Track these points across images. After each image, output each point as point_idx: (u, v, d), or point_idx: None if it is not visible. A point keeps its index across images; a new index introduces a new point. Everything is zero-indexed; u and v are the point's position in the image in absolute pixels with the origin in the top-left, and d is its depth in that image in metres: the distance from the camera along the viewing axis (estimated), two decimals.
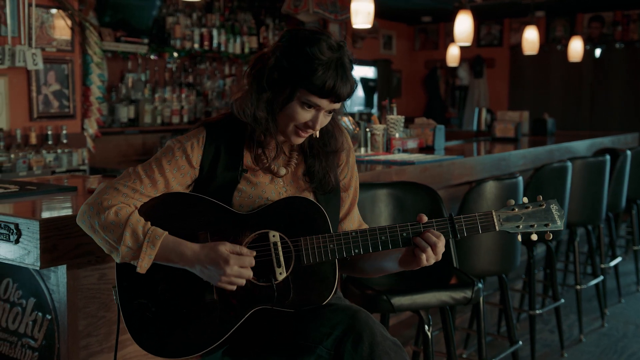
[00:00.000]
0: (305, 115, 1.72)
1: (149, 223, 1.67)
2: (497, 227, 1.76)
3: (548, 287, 4.27)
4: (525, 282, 4.26)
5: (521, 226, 1.78)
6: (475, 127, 6.60)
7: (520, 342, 3.12)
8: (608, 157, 4.05)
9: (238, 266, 1.63)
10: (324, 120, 1.76)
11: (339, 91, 1.68)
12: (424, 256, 1.71)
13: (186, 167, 1.75)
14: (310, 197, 1.83)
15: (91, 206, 1.67)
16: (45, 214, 1.98)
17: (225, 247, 1.64)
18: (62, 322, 2.00)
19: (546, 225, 1.78)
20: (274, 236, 1.71)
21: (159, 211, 1.71)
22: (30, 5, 3.95)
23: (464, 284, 2.44)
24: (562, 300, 3.74)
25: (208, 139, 1.77)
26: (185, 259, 1.65)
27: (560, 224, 1.78)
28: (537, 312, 3.50)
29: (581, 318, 3.93)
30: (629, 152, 4.54)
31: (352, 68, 1.73)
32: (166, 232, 1.66)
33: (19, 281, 2.12)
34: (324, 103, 1.70)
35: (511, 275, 4.51)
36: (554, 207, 1.79)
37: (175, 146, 1.76)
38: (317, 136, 1.83)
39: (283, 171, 1.83)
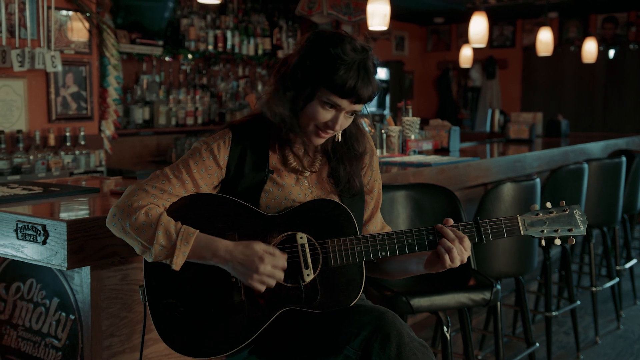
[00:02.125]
0: (326, 115, 1.73)
1: (180, 222, 1.69)
2: (522, 232, 1.78)
3: (563, 289, 4.27)
4: (540, 283, 4.26)
5: (545, 231, 1.79)
6: (488, 129, 6.60)
7: (537, 344, 3.12)
8: (624, 158, 4.04)
9: (271, 265, 1.65)
10: (344, 121, 1.77)
11: (359, 92, 1.69)
12: (447, 257, 1.72)
13: (213, 168, 1.77)
14: (336, 199, 1.85)
15: (121, 209, 1.69)
16: (72, 215, 2.00)
17: (260, 246, 1.66)
18: (85, 322, 2.02)
19: (569, 230, 1.80)
20: (301, 238, 1.73)
21: (187, 212, 1.73)
22: (49, 7, 3.98)
23: (482, 285, 2.45)
24: (578, 302, 3.74)
25: (234, 140, 1.79)
26: (219, 255, 1.66)
27: (583, 229, 1.80)
28: (554, 313, 3.50)
29: (597, 320, 3.92)
30: None
31: (375, 72, 1.75)
32: (198, 230, 1.68)
33: (42, 281, 2.14)
34: (344, 103, 1.71)
35: (526, 277, 4.50)
36: (577, 212, 1.81)
37: (202, 147, 1.78)
38: (340, 140, 1.84)
39: (307, 172, 1.85)
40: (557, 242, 1.81)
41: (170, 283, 1.72)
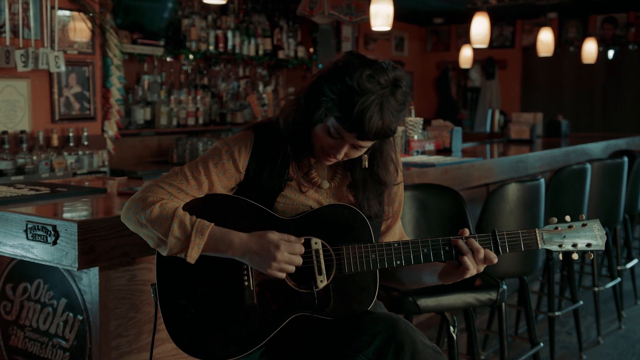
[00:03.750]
0: (330, 141, 1.69)
1: (195, 216, 1.68)
2: (539, 246, 1.75)
3: (564, 289, 4.28)
4: (542, 283, 4.27)
5: (563, 245, 1.76)
6: (488, 129, 6.61)
7: (542, 344, 3.13)
8: (626, 159, 4.05)
9: (288, 252, 1.64)
10: (350, 152, 1.72)
11: (365, 128, 1.60)
12: (467, 260, 1.69)
13: (232, 171, 1.76)
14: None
15: (136, 202, 1.69)
16: (82, 216, 2.00)
17: (274, 234, 1.65)
18: (94, 323, 2.02)
19: (588, 245, 1.76)
20: (315, 243, 1.71)
21: (201, 212, 1.72)
22: (52, 8, 3.98)
23: (488, 285, 2.46)
24: (581, 302, 3.75)
25: (256, 143, 1.77)
26: (234, 247, 1.66)
27: (601, 244, 1.76)
28: (557, 313, 3.51)
29: (599, 320, 3.93)
30: None
31: (398, 109, 1.64)
32: (213, 224, 1.67)
33: (49, 282, 2.14)
34: (348, 137, 1.65)
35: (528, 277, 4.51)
36: (595, 227, 1.77)
37: (223, 149, 1.76)
38: (366, 166, 1.79)
39: (326, 185, 1.83)
40: (575, 256, 1.77)
41: (182, 284, 1.72)
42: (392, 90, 1.63)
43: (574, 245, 1.76)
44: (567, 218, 1.81)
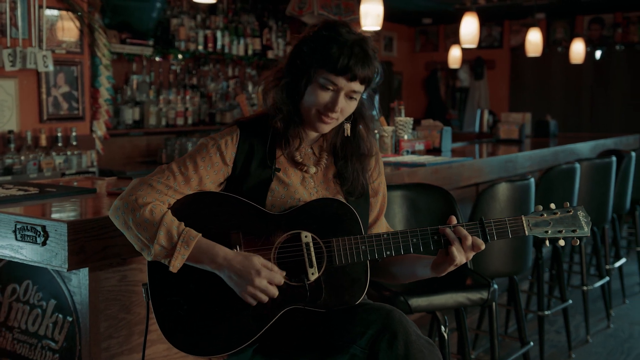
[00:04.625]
0: (324, 96, 1.74)
1: (183, 224, 1.68)
2: (526, 232, 1.78)
3: (553, 288, 4.30)
4: (531, 282, 4.28)
5: (549, 231, 1.80)
6: (477, 129, 6.63)
7: (532, 343, 3.14)
8: (614, 158, 4.07)
9: (267, 280, 1.65)
10: (345, 104, 1.77)
11: (354, 68, 1.71)
12: (453, 248, 1.71)
13: (219, 164, 1.77)
14: (341, 200, 1.85)
15: (126, 202, 1.68)
16: (72, 216, 1.99)
17: (259, 260, 1.66)
18: (83, 324, 2.01)
19: (573, 231, 1.80)
20: (306, 237, 1.73)
21: (192, 210, 1.72)
22: (40, 7, 3.95)
23: (479, 285, 2.46)
24: (570, 301, 3.76)
25: (242, 136, 1.80)
26: (217, 262, 1.66)
27: (587, 230, 1.81)
28: (546, 312, 3.52)
29: (588, 319, 3.95)
30: (633, 154, 4.57)
31: (373, 55, 1.76)
32: (200, 234, 1.67)
33: (38, 283, 2.12)
34: (341, 82, 1.73)
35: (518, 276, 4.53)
36: (581, 214, 1.82)
37: (209, 143, 1.78)
38: (349, 134, 1.85)
39: (313, 169, 1.86)
40: (562, 243, 1.81)
41: (174, 281, 1.71)
42: (364, 39, 1.76)
43: (560, 231, 1.80)
44: (552, 206, 1.84)
